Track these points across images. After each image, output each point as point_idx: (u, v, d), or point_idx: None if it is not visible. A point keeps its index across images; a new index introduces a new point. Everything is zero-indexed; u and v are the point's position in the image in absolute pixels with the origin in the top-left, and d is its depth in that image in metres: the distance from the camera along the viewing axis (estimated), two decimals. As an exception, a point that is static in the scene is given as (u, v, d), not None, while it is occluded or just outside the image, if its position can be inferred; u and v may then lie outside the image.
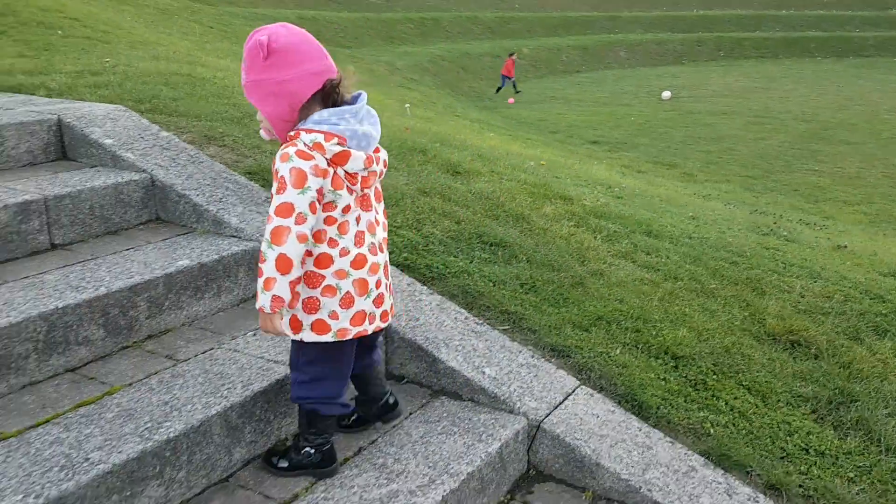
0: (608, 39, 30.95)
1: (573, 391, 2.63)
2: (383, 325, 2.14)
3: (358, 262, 2.00)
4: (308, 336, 2.01)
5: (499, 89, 22.02)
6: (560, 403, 2.54)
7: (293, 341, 2.08)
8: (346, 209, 1.96)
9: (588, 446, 2.38)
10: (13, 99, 3.69)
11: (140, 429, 1.95)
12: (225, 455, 2.09)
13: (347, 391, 2.19)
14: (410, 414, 2.45)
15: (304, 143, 1.88)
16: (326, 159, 1.89)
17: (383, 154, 2.07)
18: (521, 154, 6.40)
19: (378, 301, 2.08)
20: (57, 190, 2.74)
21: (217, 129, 3.82)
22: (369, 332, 2.08)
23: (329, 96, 1.93)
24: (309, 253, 1.95)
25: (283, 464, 2.13)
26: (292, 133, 1.92)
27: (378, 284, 2.06)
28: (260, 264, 1.88)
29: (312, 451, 2.11)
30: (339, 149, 1.89)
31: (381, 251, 2.09)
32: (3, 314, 2.13)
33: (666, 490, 2.26)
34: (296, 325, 2.01)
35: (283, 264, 1.85)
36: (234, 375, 2.25)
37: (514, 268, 3.25)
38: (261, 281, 1.87)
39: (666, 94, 21.35)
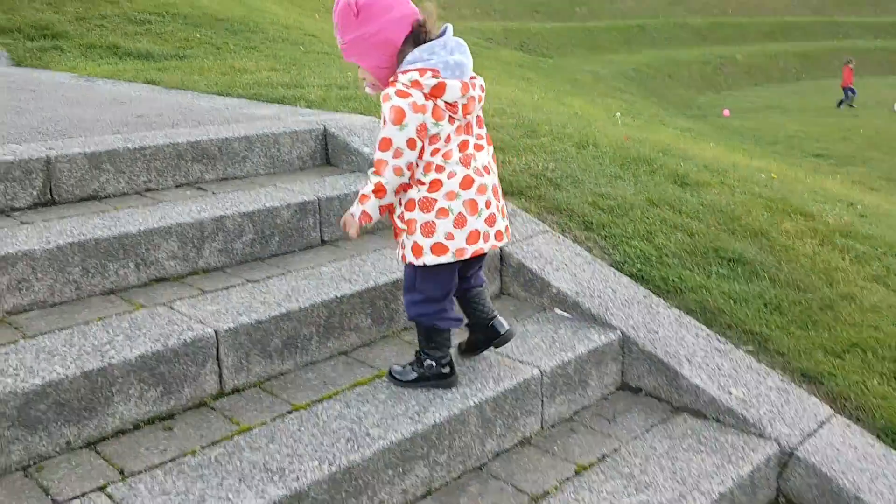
0: (832, 46, 28.38)
1: (827, 420, 2.49)
2: (498, 244, 2.23)
3: (466, 183, 2.12)
4: (430, 259, 2.14)
5: (841, 102, 20.57)
6: (814, 432, 2.42)
7: (409, 266, 2.21)
8: (448, 138, 2.10)
9: (846, 478, 2.25)
10: (282, 109, 4.15)
11: (409, 411, 2.13)
12: (479, 445, 2.22)
13: (455, 307, 2.31)
14: (652, 427, 2.45)
15: (402, 83, 2.05)
16: (424, 94, 2.04)
17: (479, 80, 2.17)
18: (748, 165, 6.08)
19: (490, 220, 2.18)
20: (327, 192, 3.05)
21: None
22: (485, 251, 2.20)
23: (419, 36, 2.08)
24: (421, 182, 2.12)
25: (411, 376, 2.26)
26: (392, 78, 2.09)
27: (488, 205, 2.17)
28: (363, 187, 2.13)
29: (434, 363, 2.24)
30: (434, 81, 2.04)
31: (488, 173, 2.20)
32: (294, 300, 2.42)
33: (942, 536, 2.07)
34: (417, 250, 2.15)
35: (378, 191, 2.10)
36: (484, 371, 2.38)
37: (756, 286, 3.13)
38: (360, 194, 2.14)
39: (900, 106, 19.21)
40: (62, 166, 2.76)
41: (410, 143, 2.05)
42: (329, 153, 3.57)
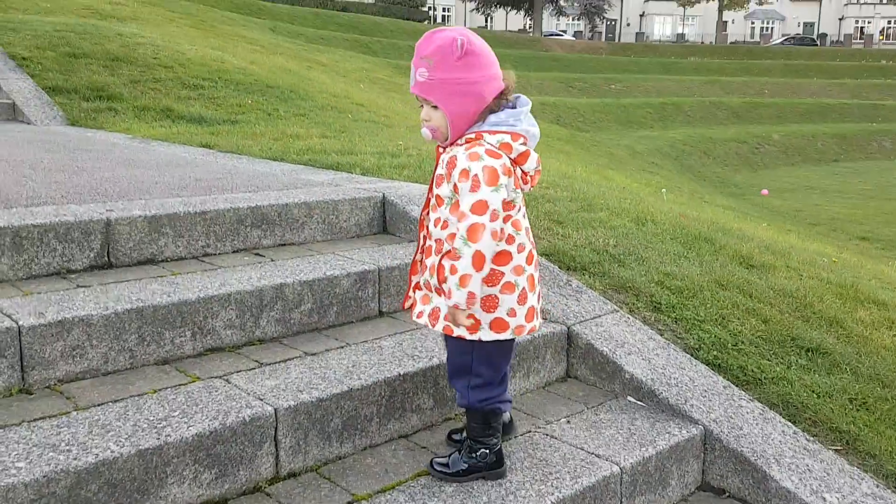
0: (870, 128, 28.32)
1: (933, 535, 2.25)
2: (542, 321, 2.16)
3: (530, 258, 2.05)
4: (486, 335, 2.01)
5: None
6: (921, 548, 2.18)
7: (461, 344, 2.05)
8: (516, 207, 2.02)
9: None
10: (338, 176, 4.11)
11: (481, 509, 1.95)
12: (554, 549, 2.03)
13: None
14: (739, 533, 2.23)
15: (490, 144, 1.94)
16: (511, 159, 1.95)
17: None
18: (805, 248, 5.90)
19: (539, 297, 2.12)
20: (387, 262, 2.94)
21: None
22: (538, 329, 2.12)
23: (499, 103, 2.00)
24: None
25: (461, 466, 2.08)
26: (472, 135, 1.96)
27: (539, 280, 2.12)
28: (453, 262, 1.90)
29: (488, 451, 2.10)
30: (523, 148, 1.97)
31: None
32: (355, 376, 2.28)
33: None
34: (473, 325, 2.00)
35: (478, 261, 1.88)
36: (558, 464, 2.20)
37: (838, 379, 2.92)
38: (455, 278, 1.89)
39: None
40: (122, 229, 2.70)
41: (504, 205, 1.92)
42: (386, 221, 3.49)
